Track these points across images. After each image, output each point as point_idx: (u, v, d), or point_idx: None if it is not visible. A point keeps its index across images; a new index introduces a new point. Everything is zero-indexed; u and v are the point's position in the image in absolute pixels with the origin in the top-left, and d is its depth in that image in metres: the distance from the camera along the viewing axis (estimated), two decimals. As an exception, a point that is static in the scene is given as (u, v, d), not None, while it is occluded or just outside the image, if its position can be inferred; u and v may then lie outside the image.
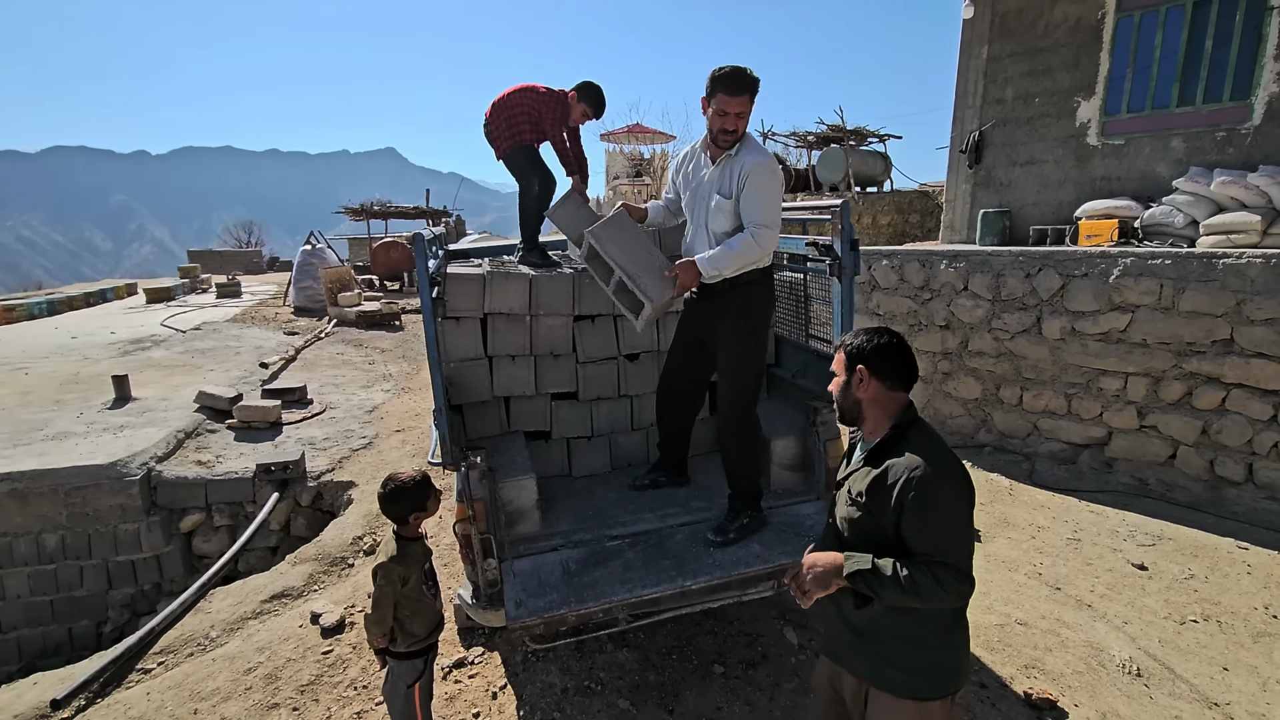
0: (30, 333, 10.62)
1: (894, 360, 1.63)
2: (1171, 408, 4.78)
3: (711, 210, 2.80)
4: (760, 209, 2.69)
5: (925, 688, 1.63)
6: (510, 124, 3.65)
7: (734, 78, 2.60)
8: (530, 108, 3.62)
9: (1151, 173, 6.56)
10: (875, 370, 1.62)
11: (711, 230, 2.84)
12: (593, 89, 3.64)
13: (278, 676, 3.22)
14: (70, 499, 4.82)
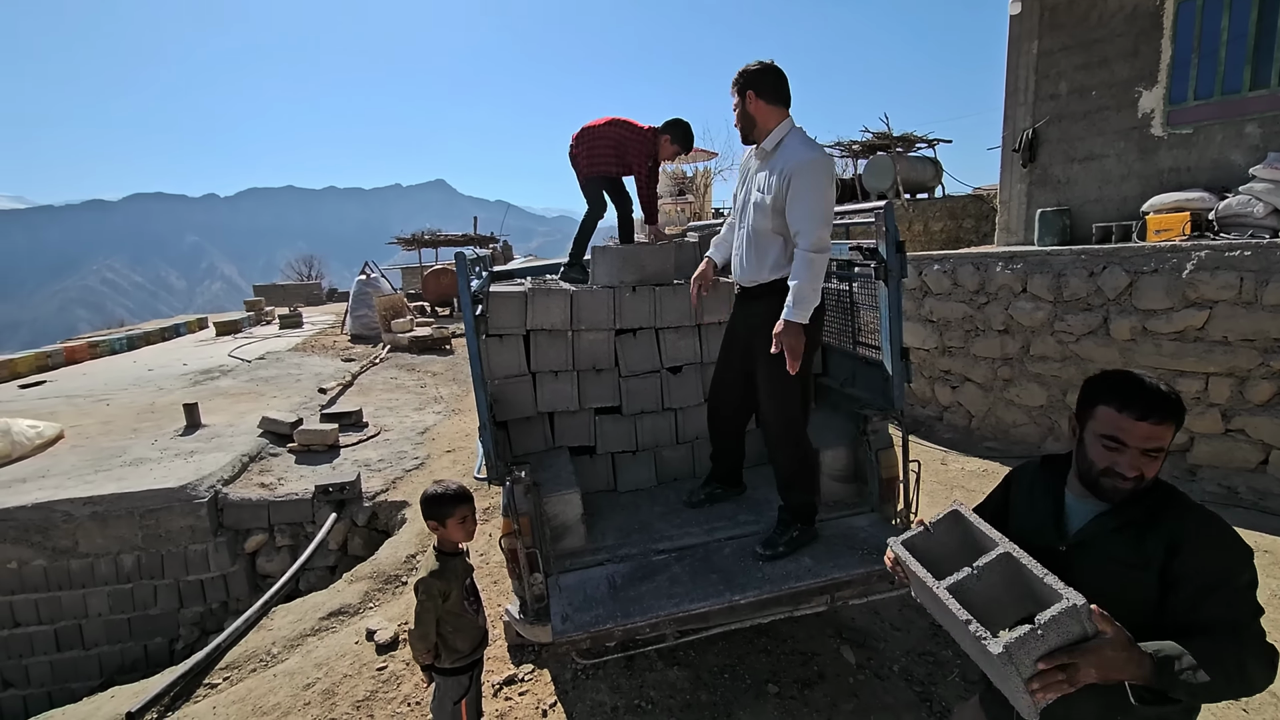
0: (111, 366, 11.32)
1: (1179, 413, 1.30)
2: (1260, 409, 4.43)
3: (754, 208, 2.71)
4: (808, 215, 2.52)
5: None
6: (594, 151, 3.84)
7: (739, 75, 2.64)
8: (618, 140, 3.81)
9: (1225, 161, 6.19)
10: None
11: (753, 227, 2.74)
12: (682, 127, 3.77)
13: (335, 692, 3.27)
14: (145, 521, 5.06)
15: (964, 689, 2.92)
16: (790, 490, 2.86)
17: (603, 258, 3.47)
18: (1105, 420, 1.30)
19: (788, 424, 2.80)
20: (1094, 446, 1.32)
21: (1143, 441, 1.25)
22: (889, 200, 2.98)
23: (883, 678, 3.02)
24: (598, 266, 3.50)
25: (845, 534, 2.90)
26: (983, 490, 5.00)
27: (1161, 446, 1.26)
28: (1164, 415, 1.25)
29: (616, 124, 3.77)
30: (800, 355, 2.55)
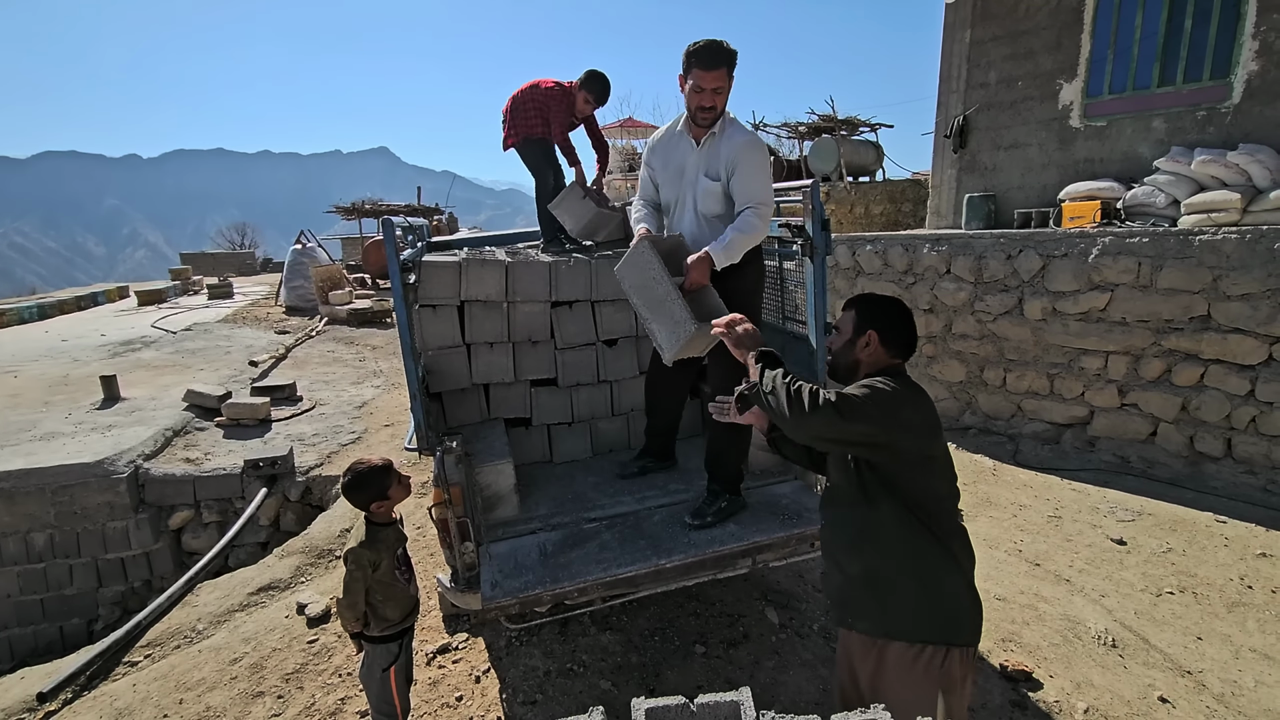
0: (20, 336, 10.60)
1: (905, 332, 1.69)
2: (1151, 385, 4.82)
3: (701, 194, 2.80)
4: (757, 188, 2.69)
5: (932, 630, 1.60)
6: (522, 118, 3.78)
7: (709, 50, 2.49)
8: (539, 102, 3.75)
9: (1134, 153, 6.58)
10: (885, 338, 1.67)
11: (703, 214, 2.83)
12: (594, 76, 3.73)
13: (263, 666, 3.24)
14: (57, 498, 4.83)
15: (875, 643, 3.12)
16: (720, 463, 2.97)
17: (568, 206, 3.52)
18: None
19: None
20: None
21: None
22: (814, 180, 3.08)
23: (803, 636, 3.20)
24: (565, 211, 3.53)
25: (769, 501, 3.03)
26: (905, 461, 5.28)
27: (835, 325, 1.85)
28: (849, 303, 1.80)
29: (534, 86, 3.77)
30: (701, 284, 2.65)
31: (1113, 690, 2.80)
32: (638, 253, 2.58)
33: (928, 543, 1.63)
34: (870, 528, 1.65)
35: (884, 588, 1.64)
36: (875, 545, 1.64)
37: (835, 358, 1.76)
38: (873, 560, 1.65)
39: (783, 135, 16.92)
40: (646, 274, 2.54)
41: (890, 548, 1.63)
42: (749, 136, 2.71)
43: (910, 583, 1.61)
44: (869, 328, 1.67)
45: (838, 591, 1.79)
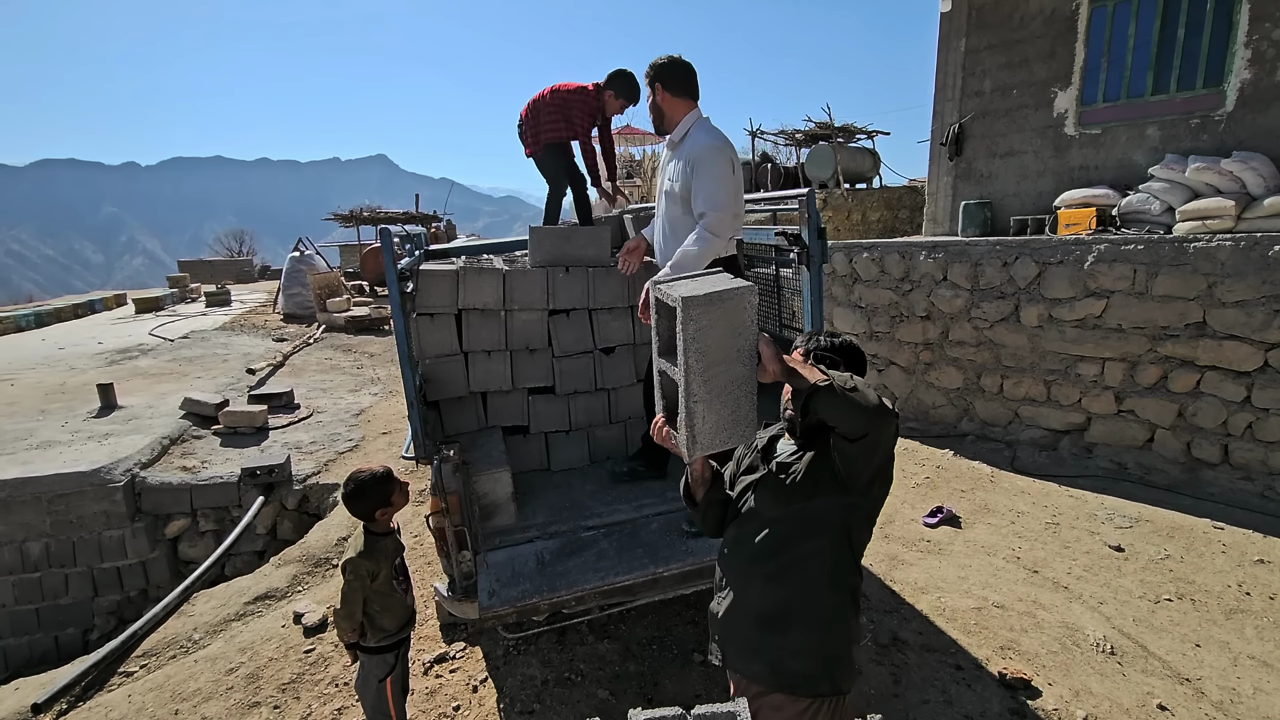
0: (17, 344, 10.58)
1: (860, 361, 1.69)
2: (1148, 391, 4.83)
3: (666, 199, 2.84)
4: (707, 196, 2.63)
5: (829, 683, 1.55)
6: (540, 122, 3.66)
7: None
8: (560, 104, 3.62)
9: (1128, 161, 6.61)
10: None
11: (667, 216, 2.86)
12: (622, 75, 3.56)
13: (259, 676, 3.23)
14: (53, 506, 4.81)
15: (875, 652, 3.12)
16: None
17: (536, 239, 3.48)
18: None
19: None
20: None
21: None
22: (810, 188, 3.09)
23: (800, 643, 3.19)
24: (532, 247, 3.49)
25: (766, 508, 3.03)
26: (902, 468, 5.28)
27: None
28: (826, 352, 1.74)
29: (557, 90, 3.68)
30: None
31: (1111, 698, 2.79)
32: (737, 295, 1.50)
33: (849, 588, 1.59)
34: (801, 562, 1.55)
35: (790, 632, 1.55)
36: (802, 583, 1.55)
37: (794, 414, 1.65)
38: (791, 599, 1.55)
39: (779, 142, 16.99)
40: (735, 334, 1.49)
41: (816, 590, 1.55)
42: (710, 140, 2.64)
43: (819, 631, 1.54)
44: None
45: (729, 626, 1.66)
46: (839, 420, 1.39)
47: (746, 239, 3.75)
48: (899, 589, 3.64)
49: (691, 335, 1.43)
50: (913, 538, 4.20)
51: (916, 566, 3.86)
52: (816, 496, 1.54)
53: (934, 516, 4.37)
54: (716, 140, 2.67)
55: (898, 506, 4.63)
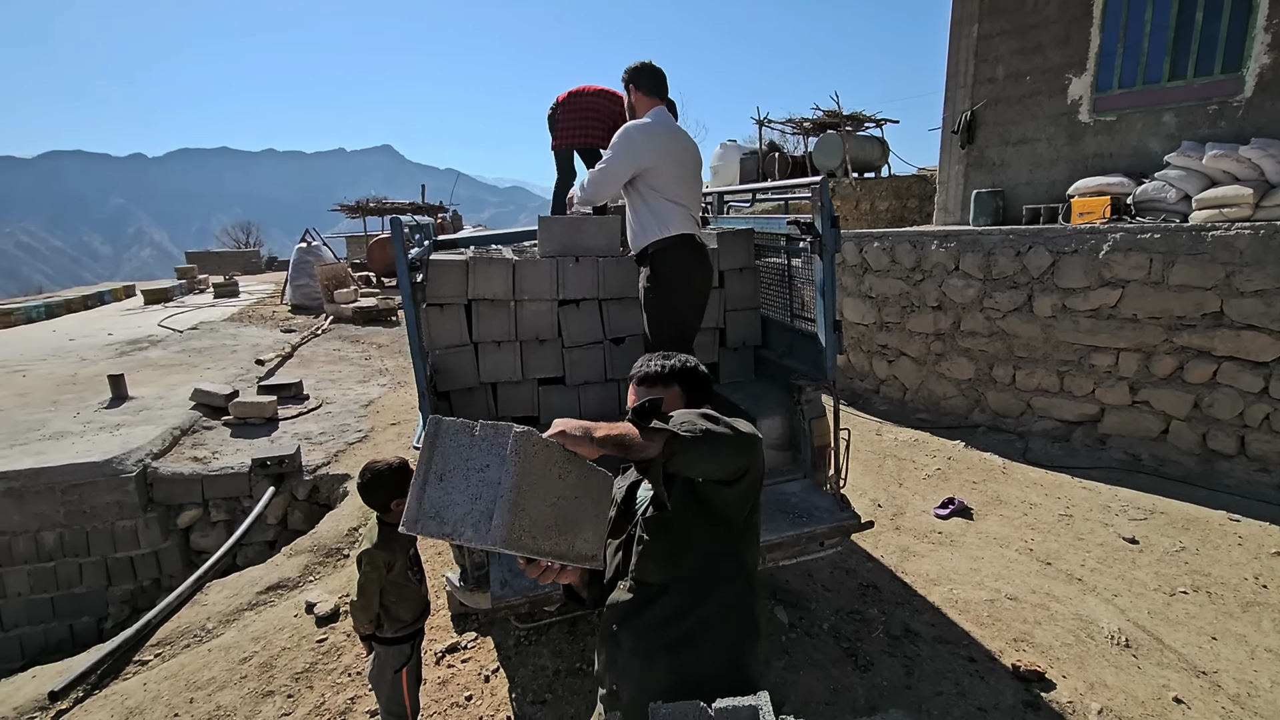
0: (27, 336, 10.64)
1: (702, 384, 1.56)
2: (1163, 382, 4.77)
3: None
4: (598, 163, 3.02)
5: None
6: (584, 121, 3.77)
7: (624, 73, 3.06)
8: (610, 114, 3.76)
9: (1144, 148, 6.52)
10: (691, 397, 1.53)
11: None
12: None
13: (272, 665, 3.24)
14: (67, 497, 4.84)
15: (887, 644, 3.10)
16: None
17: (546, 230, 3.46)
18: None
19: None
20: None
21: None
22: (824, 176, 3.06)
23: (813, 635, 3.18)
24: (541, 238, 3.48)
25: (778, 499, 3.02)
26: (914, 459, 5.26)
27: None
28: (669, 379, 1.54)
29: (608, 96, 3.70)
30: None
31: (1127, 691, 2.77)
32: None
33: (753, 623, 1.44)
34: (708, 623, 1.39)
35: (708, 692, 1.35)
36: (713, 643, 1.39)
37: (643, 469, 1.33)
38: (703, 661, 1.39)
39: (787, 131, 16.87)
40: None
41: (728, 643, 1.41)
42: (628, 125, 2.94)
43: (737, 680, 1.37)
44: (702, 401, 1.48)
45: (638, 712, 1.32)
46: (706, 471, 1.26)
47: (762, 228, 3.72)
48: (910, 580, 3.63)
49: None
50: (924, 529, 4.18)
51: (928, 558, 3.84)
52: (702, 549, 1.40)
53: (945, 508, 4.34)
54: (628, 126, 2.93)
55: (909, 498, 4.60)
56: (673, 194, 2.95)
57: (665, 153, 2.92)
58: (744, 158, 14.96)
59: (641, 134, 2.88)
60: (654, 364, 1.56)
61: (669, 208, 2.95)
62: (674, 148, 2.96)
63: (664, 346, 2.97)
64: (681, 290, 2.99)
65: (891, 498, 4.62)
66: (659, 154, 2.90)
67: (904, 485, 4.81)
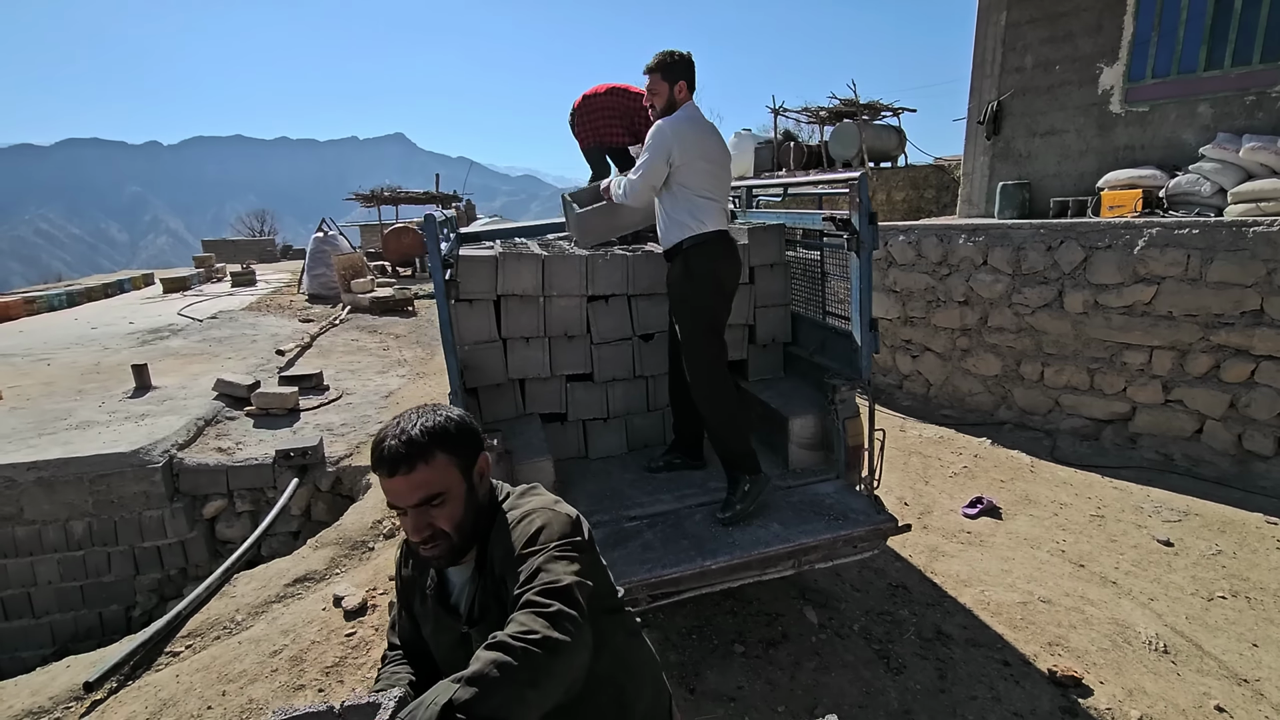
0: (51, 324, 10.76)
1: (476, 432, 1.23)
2: (1198, 381, 4.68)
3: None
4: (637, 166, 2.95)
5: None
6: (600, 121, 3.83)
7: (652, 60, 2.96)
8: (624, 111, 3.83)
9: (1177, 140, 6.37)
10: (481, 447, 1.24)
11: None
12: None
13: (303, 659, 3.26)
14: (95, 486, 4.89)
15: (919, 646, 3.07)
16: (720, 443, 2.96)
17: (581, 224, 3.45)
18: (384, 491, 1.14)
19: (697, 374, 2.95)
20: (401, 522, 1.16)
21: (409, 497, 1.11)
22: (863, 172, 3.00)
23: (843, 636, 3.16)
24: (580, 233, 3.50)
25: (812, 500, 2.98)
26: (939, 457, 5.20)
27: (433, 493, 1.10)
28: (409, 463, 1.09)
29: (618, 93, 3.72)
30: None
31: (1166, 698, 2.73)
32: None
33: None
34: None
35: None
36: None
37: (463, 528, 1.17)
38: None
39: (803, 120, 16.68)
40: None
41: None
42: (661, 122, 2.88)
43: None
44: (477, 453, 1.20)
45: None
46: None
47: (793, 223, 3.66)
48: (940, 581, 3.59)
49: None
50: (953, 529, 4.13)
51: (958, 558, 3.79)
52: None
53: (974, 507, 4.29)
54: (662, 123, 2.87)
55: (936, 496, 4.55)
56: (705, 189, 2.92)
57: (698, 148, 2.88)
58: (759, 147, 14.81)
59: (674, 130, 2.85)
60: (396, 440, 1.12)
61: (702, 203, 2.91)
62: (706, 143, 2.92)
63: (696, 343, 2.96)
64: (716, 287, 2.96)
65: (918, 496, 4.57)
66: (692, 150, 2.86)
67: (930, 483, 4.76)
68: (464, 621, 1.20)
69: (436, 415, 1.14)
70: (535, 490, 1.26)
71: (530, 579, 1.03)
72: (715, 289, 2.97)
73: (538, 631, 0.92)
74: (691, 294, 2.93)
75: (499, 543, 1.15)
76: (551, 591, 0.98)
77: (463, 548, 1.16)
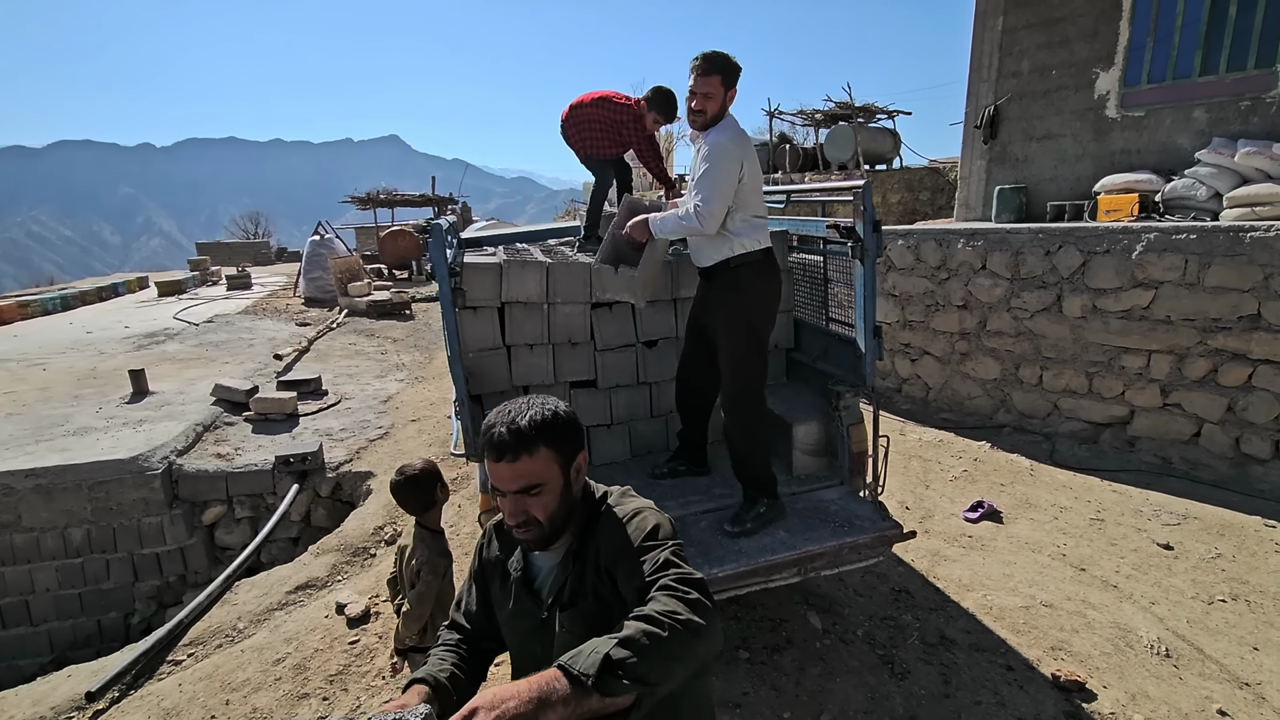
0: (45, 328, 10.71)
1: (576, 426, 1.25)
2: (1196, 385, 4.71)
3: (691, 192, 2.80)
4: (702, 186, 2.67)
5: None
6: (587, 134, 3.77)
7: (705, 58, 2.66)
8: (609, 123, 3.73)
9: (1173, 145, 6.41)
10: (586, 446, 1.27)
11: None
12: (662, 95, 3.61)
13: (306, 667, 3.25)
14: (94, 493, 4.87)
15: (923, 651, 3.08)
16: (745, 465, 2.93)
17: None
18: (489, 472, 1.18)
19: (740, 396, 2.89)
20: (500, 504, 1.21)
21: (510, 483, 1.14)
22: (868, 181, 3.00)
23: (847, 642, 3.17)
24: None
25: (817, 507, 2.99)
26: (939, 460, 5.22)
27: (532, 484, 1.14)
28: (513, 452, 1.13)
29: (603, 104, 3.71)
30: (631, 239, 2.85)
31: (1169, 702, 2.74)
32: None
33: None
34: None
35: None
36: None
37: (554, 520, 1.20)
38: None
39: (798, 123, 16.72)
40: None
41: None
42: (721, 136, 2.69)
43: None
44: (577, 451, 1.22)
45: None
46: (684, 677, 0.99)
47: (797, 230, 3.68)
48: (943, 586, 3.60)
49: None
50: (954, 533, 4.15)
51: (960, 563, 3.81)
52: None
53: (975, 511, 4.31)
54: (727, 135, 2.69)
55: (936, 500, 4.57)
56: (754, 206, 2.83)
57: (751, 164, 2.77)
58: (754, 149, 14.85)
59: (739, 145, 2.70)
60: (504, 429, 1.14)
61: (753, 219, 2.82)
62: (753, 157, 2.80)
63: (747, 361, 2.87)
64: (770, 305, 2.92)
65: (919, 500, 4.59)
66: (751, 164, 2.76)
67: (931, 487, 4.78)
68: (546, 606, 1.25)
69: (545, 408, 1.18)
70: (632, 493, 1.31)
71: (662, 568, 1.08)
72: (768, 308, 2.92)
73: (681, 613, 0.97)
74: (745, 312, 2.84)
75: (609, 536, 1.19)
76: (689, 581, 1.03)
77: (551, 536, 1.22)
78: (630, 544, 1.15)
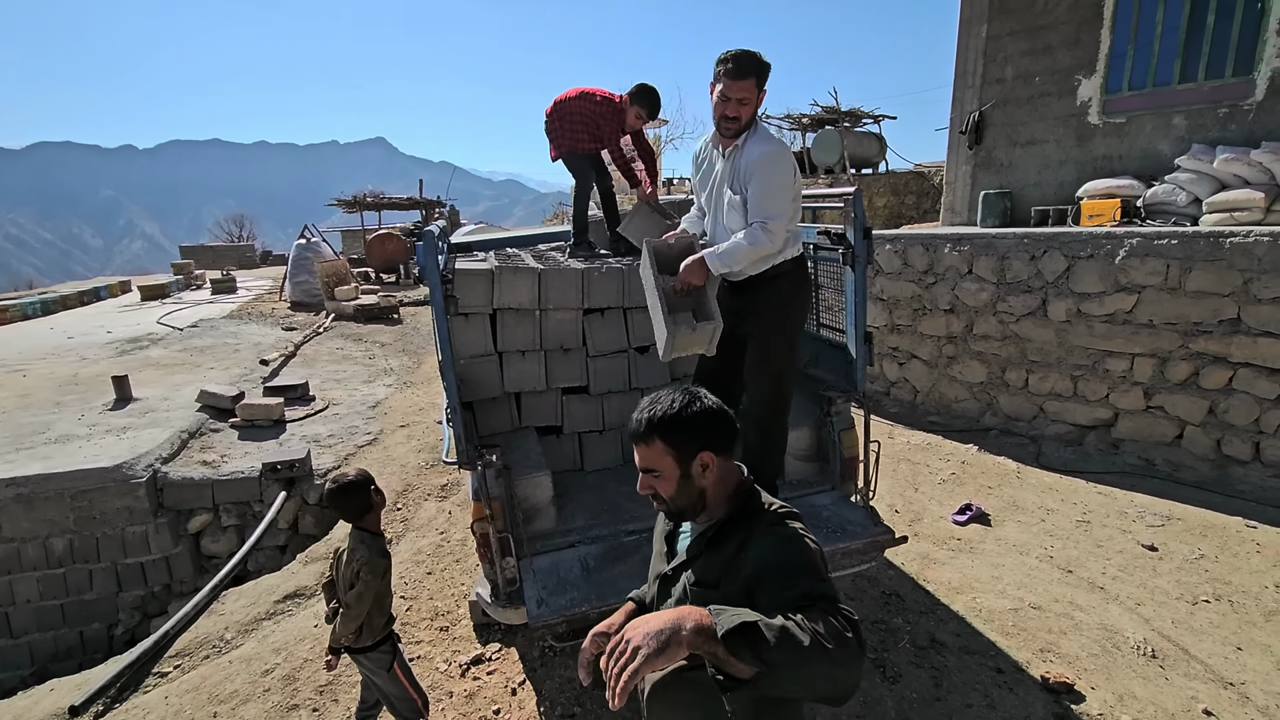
0: (25, 333, 10.53)
1: (729, 424, 1.33)
2: (1178, 388, 4.79)
3: (725, 208, 2.68)
4: (767, 202, 2.53)
5: None
6: (569, 129, 3.76)
7: (739, 60, 2.43)
8: (589, 116, 3.72)
9: (1153, 151, 6.52)
10: (719, 448, 1.30)
11: (728, 228, 2.70)
12: (645, 91, 3.66)
13: (295, 677, 3.22)
14: (76, 502, 4.79)
15: (914, 654, 3.10)
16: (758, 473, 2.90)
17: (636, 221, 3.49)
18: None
19: (776, 414, 2.84)
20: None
21: (638, 462, 1.32)
22: (858, 188, 3.01)
23: (839, 646, 3.18)
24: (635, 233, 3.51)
25: (808, 512, 2.99)
26: (927, 463, 5.26)
27: (649, 468, 1.30)
28: (635, 439, 1.31)
29: (585, 97, 3.70)
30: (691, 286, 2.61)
31: (1156, 703, 2.78)
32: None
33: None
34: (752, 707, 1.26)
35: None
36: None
37: (676, 503, 1.32)
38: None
39: (785, 127, 16.82)
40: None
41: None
42: (769, 148, 2.54)
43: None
44: (698, 450, 1.28)
45: None
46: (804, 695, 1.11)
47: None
48: (933, 589, 3.63)
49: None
50: (943, 536, 4.18)
51: (949, 565, 3.84)
52: None
53: (963, 514, 4.35)
54: (776, 146, 2.56)
55: (925, 503, 4.61)
56: (798, 215, 2.77)
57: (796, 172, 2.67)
58: (745, 154, 14.90)
59: (789, 154, 2.59)
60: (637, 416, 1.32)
61: (796, 231, 2.74)
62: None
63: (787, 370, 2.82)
64: (805, 314, 2.89)
65: (908, 503, 4.62)
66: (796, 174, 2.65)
67: (919, 490, 4.82)
68: (671, 564, 1.39)
69: (672, 406, 1.29)
70: (795, 513, 1.34)
71: (822, 597, 1.11)
72: (804, 317, 2.91)
73: (828, 640, 1.01)
74: (789, 324, 2.79)
75: (769, 549, 1.23)
76: (850, 621, 1.07)
77: (677, 515, 1.37)
78: (789, 564, 1.19)
